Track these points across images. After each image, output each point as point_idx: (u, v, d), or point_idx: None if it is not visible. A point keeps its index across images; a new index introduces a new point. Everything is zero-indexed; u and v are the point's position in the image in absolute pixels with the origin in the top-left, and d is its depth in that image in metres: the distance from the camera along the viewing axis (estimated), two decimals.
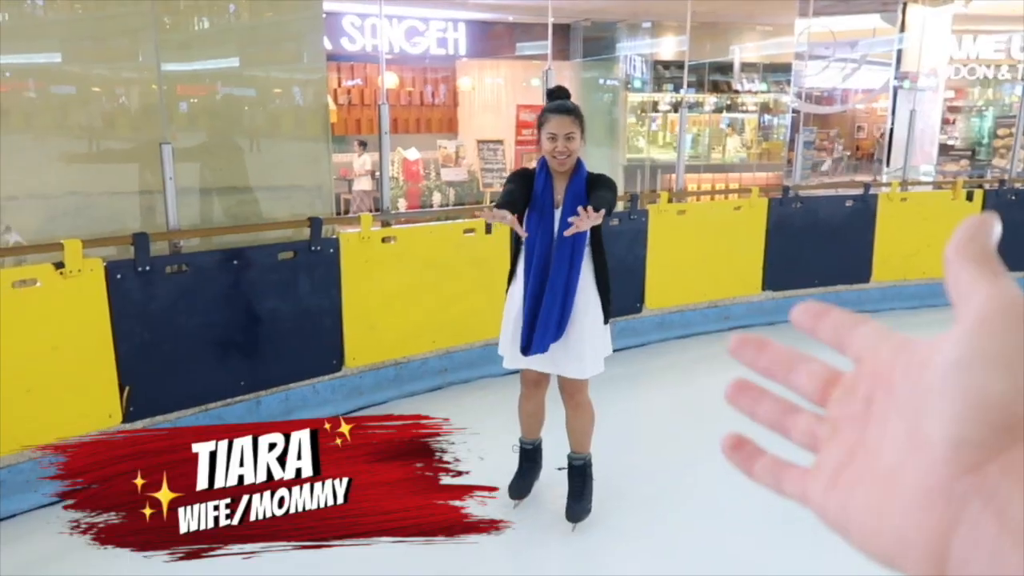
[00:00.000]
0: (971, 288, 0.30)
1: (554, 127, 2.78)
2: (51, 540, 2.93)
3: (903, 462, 0.30)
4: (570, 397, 3.00)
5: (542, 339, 2.79)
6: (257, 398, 3.78)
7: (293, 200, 4.10)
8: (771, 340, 0.38)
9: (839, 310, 0.37)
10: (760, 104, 10.81)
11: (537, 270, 2.83)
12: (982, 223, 0.32)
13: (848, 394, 0.34)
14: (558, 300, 2.80)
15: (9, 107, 3.46)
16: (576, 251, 2.85)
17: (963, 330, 0.29)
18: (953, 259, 0.32)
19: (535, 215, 2.87)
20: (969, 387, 0.28)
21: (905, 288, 6.23)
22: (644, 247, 5.11)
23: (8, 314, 3.01)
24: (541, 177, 2.89)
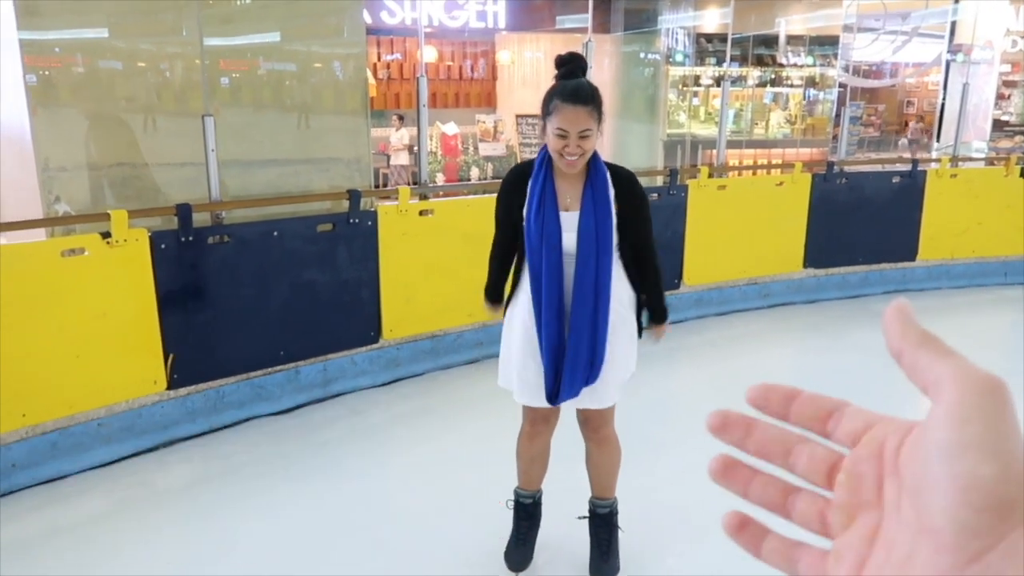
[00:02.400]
0: (936, 372, 0.31)
1: (566, 121, 2.12)
2: (101, 500, 3.05)
3: (915, 551, 0.30)
4: (594, 431, 2.47)
5: (571, 384, 2.28)
6: (296, 368, 3.84)
7: (332, 173, 4.13)
8: (758, 419, 0.37)
9: (807, 392, 0.37)
10: (805, 78, 10.54)
11: (551, 300, 2.23)
12: (902, 309, 0.34)
13: (856, 480, 0.34)
14: (585, 339, 2.24)
15: (58, 81, 3.54)
16: (601, 270, 2.24)
17: (943, 416, 0.30)
18: (904, 349, 0.33)
19: (534, 227, 2.24)
20: (959, 474, 0.29)
21: (953, 267, 6.07)
22: (683, 223, 5.05)
23: (58, 282, 3.10)
24: (539, 177, 2.25)
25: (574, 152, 2.16)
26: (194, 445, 3.47)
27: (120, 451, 3.33)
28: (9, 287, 2.98)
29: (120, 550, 2.73)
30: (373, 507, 3.02)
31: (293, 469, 3.29)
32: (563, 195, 2.28)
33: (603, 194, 2.26)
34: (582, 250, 2.23)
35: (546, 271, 2.24)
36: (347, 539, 2.80)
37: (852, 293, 5.84)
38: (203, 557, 2.71)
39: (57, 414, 3.17)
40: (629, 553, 2.63)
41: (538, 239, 2.24)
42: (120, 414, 3.35)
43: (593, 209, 2.24)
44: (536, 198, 2.25)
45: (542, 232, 2.24)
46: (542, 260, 2.24)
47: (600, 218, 2.23)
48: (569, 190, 2.28)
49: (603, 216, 2.24)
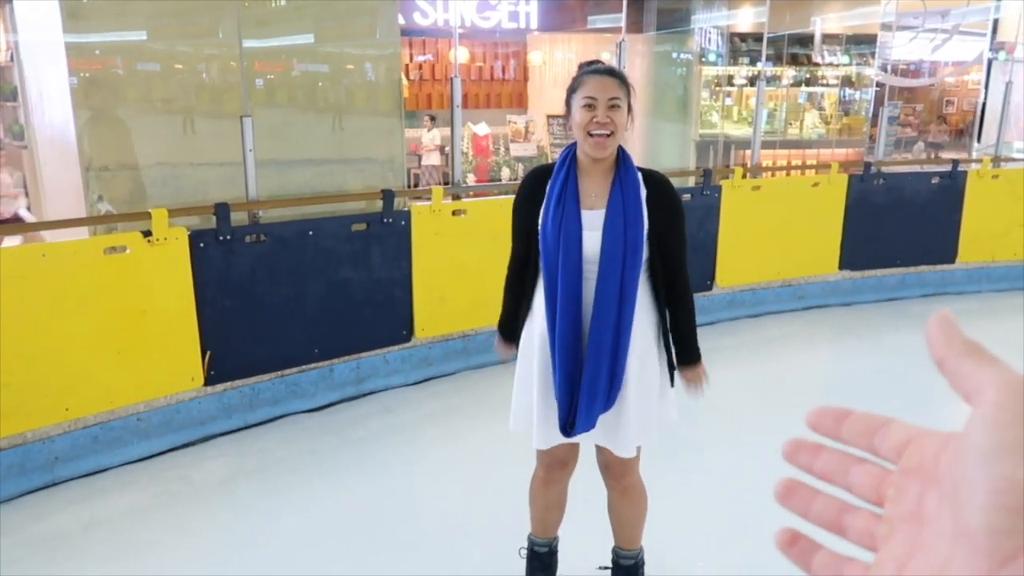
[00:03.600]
0: (978, 379, 0.32)
1: (594, 88, 1.94)
2: (140, 494, 3.11)
3: (952, 556, 0.31)
4: (617, 479, 2.22)
5: (589, 412, 2.00)
6: (330, 366, 3.89)
7: (366, 173, 4.17)
8: (824, 445, 0.39)
9: (858, 412, 0.38)
10: (842, 77, 10.40)
11: (567, 314, 1.96)
12: (946, 319, 0.34)
13: (901, 493, 0.35)
14: (605, 360, 1.98)
15: (100, 83, 3.62)
16: (627, 280, 1.97)
17: (983, 420, 0.30)
18: (948, 358, 0.33)
19: (551, 225, 1.99)
20: (995, 477, 0.29)
21: (994, 269, 5.95)
22: (716, 223, 5.01)
23: (100, 279, 3.18)
24: (561, 173, 2.02)
25: (603, 121, 1.92)
26: (230, 441, 3.53)
27: (158, 446, 3.39)
28: (53, 284, 3.06)
29: (158, 543, 2.79)
30: (404, 503, 3.05)
31: (326, 465, 3.33)
32: (587, 192, 2.02)
33: (634, 193, 1.99)
34: (607, 252, 1.94)
35: (563, 278, 1.95)
36: (379, 535, 2.82)
37: (889, 296, 5.74)
38: (239, 551, 2.75)
39: (98, 408, 3.24)
40: (659, 554, 2.62)
41: (555, 239, 1.96)
42: (158, 409, 3.41)
43: (622, 207, 1.96)
44: (556, 194, 2.00)
45: (559, 231, 1.96)
46: (558, 265, 1.96)
47: (630, 218, 1.97)
48: (594, 187, 2.02)
49: (633, 217, 1.97)
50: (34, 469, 3.09)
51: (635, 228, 1.98)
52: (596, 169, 2.03)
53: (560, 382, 2.01)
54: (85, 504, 3.03)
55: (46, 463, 3.12)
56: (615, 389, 2.02)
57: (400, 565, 2.66)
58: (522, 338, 2.18)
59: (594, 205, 2.01)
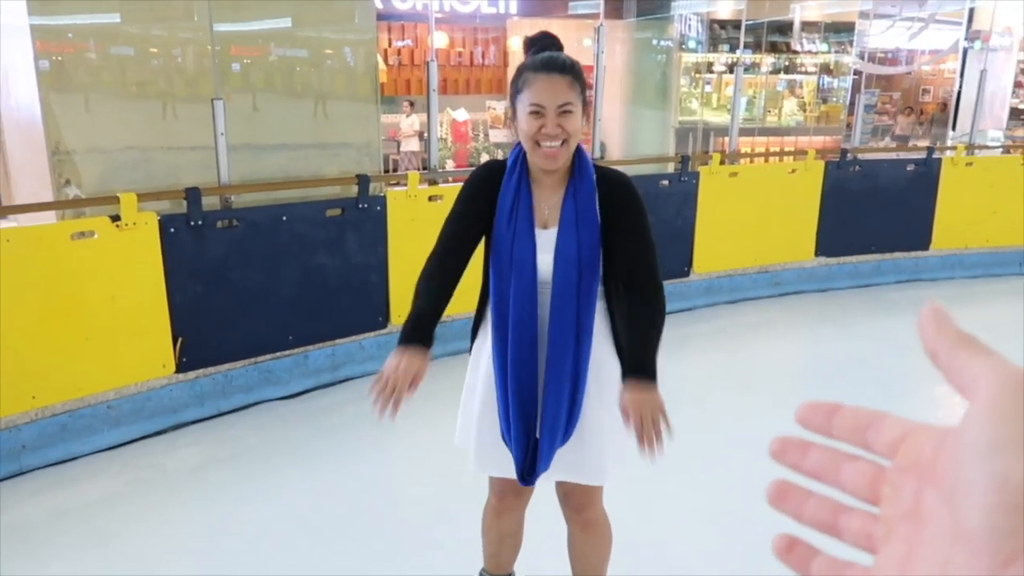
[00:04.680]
0: (973, 372, 0.31)
1: (540, 93, 1.69)
2: (110, 482, 3.07)
3: (952, 556, 0.30)
4: (578, 511, 2.00)
5: (550, 453, 1.80)
6: (305, 352, 3.85)
7: (342, 158, 4.12)
8: (812, 442, 0.37)
9: (849, 406, 0.36)
10: (820, 65, 10.44)
11: (521, 341, 1.75)
12: (938, 311, 0.34)
13: (897, 491, 0.34)
14: (565, 391, 1.77)
15: (71, 67, 3.54)
16: (584, 305, 1.76)
17: (979, 416, 0.30)
18: (941, 350, 0.33)
19: (502, 245, 1.79)
20: (993, 475, 0.28)
21: (967, 256, 6.01)
22: (693, 210, 5.02)
23: (68, 265, 3.12)
24: (512, 179, 1.80)
25: (553, 133, 1.68)
26: (202, 428, 3.49)
27: (129, 434, 3.35)
28: (19, 270, 3.00)
29: (128, 532, 2.75)
30: (378, 490, 3.03)
31: (300, 453, 3.30)
32: (540, 206, 1.81)
33: (588, 206, 1.77)
34: (560, 276, 1.75)
35: (515, 302, 1.76)
36: (352, 522, 2.81)
37: (864, 282, 5.79)
38: (210, 539, 2.72)
39: (67, 396, 3.19)
40: (632, 542, 2.62)
41: (508, 263, 1.78)
42: (129, 397, 3.36)
43: (575, 224, 1.75)
44: (507, 209, 1.78)
45: (512, 254, 1.77)
46: (511, 288, 1.78)
47: (584, 236, 1.76)
48: (547, 198, 1.81)
49: (588, 234, 1.76)
50: (0, 458, 3.04)
51: (590, 245, 1.77)
52: (549, 177, 1.80)
53: (516, 420, 1.76)
54: (53, 493, 2.98)
55: (12, 452, 3.06)
56: (574, 421, 1.80)
57: (374, 551, 2.64)
58: (473, 347, 1.97)
59: (547, 222, 1.81)
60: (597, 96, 4.81)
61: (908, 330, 2.20)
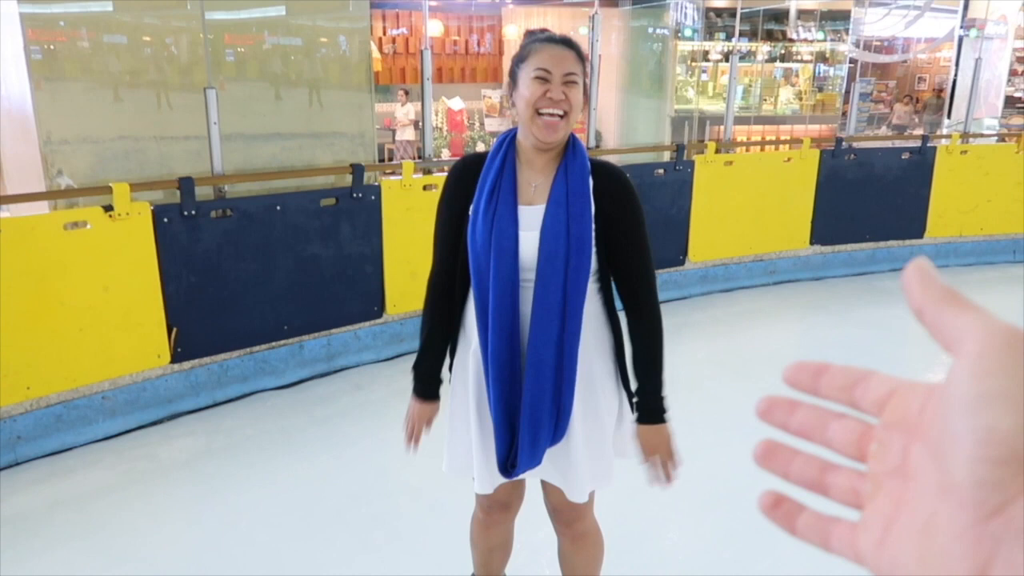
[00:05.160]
0: (959, 328, 0.31)
1: (548, 59, 1.62)
2: (106, 473, 3.07)
3: (937, 509, 0.30)
4: (568, 525, 1.91)
5: (533, 445, 1.68)
6: (300, 342, 3.85)
7: (336, 147, 4.11)
8: (800, 400, 0.37)
9: (836, 365, 0.36)
10: (816, 54, 10.42)
11: (501, 331, 1.63)
12: (922, 267, 0.33)
13: (884, 447, 0.34)
14: (547, 384, 1.65)
15: (63, 55, 3.51)
16: (572, 288, 1.63)
17: (965, 370, 0.29)
18: (926, 306, 0.32)
19: (481, 225, 1.65)
20: (978, 427, 0.28)
21: (962, 244, 6.03)
22: (689, 199, 5.02)
23: (61, 255, 3.10)
24: (495, 163, 1.69)
25: (557, 98, 1.59)
26: (198, 419, 3.49)
27: (124, 424, 3.35)
28: (12, 260, 2.98)
29: (125, 522, 2.75)
30: (374, 479, 3.04)
31: (296, 442, 3.31)
32: (525, 185, 1.68)
33: (580, 181, 1.65)
34: (546, 252, 1.60)
35: (495, 287, 1.61)
36: (349, 511, 2.81)
37: (859, 270, 5.80)
38: (206, 529, 2.73)
39: (61, 387, 3.18)
40: (631, 529, 2.64)
41: (485, 240, 1.62)
42: (124, 387, 3.36)
43: (565, 198, 1.63)
44: (488, 187, 1.66)
45: (491, 230, 1.61)
46: (490, 271, 1.62)
47: (575, 211, 1.62)
48: (535, 179, 1.69)
49: (579, 209, 1.63)
50: None
51: (580, 222, 1.63)
52: (540, 159, 1.68)
53: (497, 412, 1.67)
54: (48, 483, 2.98)
55: (8, 443, 3.06)
56: (563, 417, 1.69)
57: (370, 540, 2.65)
58: (454, 366, 1.83)
59: (534, 199, 1.67)
60: (592, 84, 4.80)
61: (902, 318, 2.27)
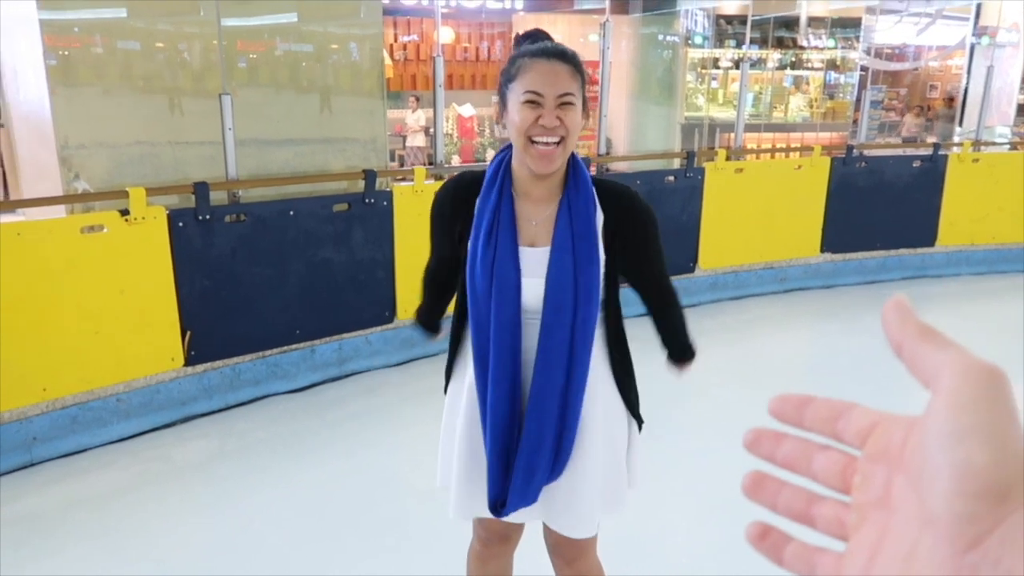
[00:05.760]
0: (936, 363, 0.32)
1: (539, 80, 1.47)
2: (120, 474, 3.10)
3: (918, 541, 0.31)
4: (568, 563, 1.77)
5: (525, 487, 1.59)
6: (312, 347, 3.87)
7: (348, 153, 4.14)
8: (787, 433, 0.38)
9: (820, 398, 0.37)
10: (827, 61, 10.42)
11: (501, 377, 1.54)
12: (901, 303, 0.34)
13: (867, 479, 0.35)
14: (548, 433, 1.56)
15: (78, 61, 3.56)
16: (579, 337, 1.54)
17: (942, 405, 0.30)
18: (904, 342, 0.33)
19: (480, 269, 1.55)
20: (955, 462, 0.29)
21: (973, 253, 6.00)
22: (699, 206, 5.03)
23: (77, 259, 3.14)
24: (492, 192, 1.56)
25: (551, 125, 1.46)
26: (211, 421, 3.52)
27: (139, 426, 3.38)
28: (30, 263, 3.02)
29: (138, 523, 2.78)
30: (385, 483, 3.06)
31: (307, 445, 3.33)
32: (525, 221, 1.56)
33: (585, 221, 1.53)
34: (552, 303, 1.51)
35: (496, 335, 1.53)
36: (359, 513, 2.83)
37: (869, 279, 5.79)
38: (218, 531, 2.75)
39: (77, 389, 3.22)
40: (637, 535, 2.64)
41: (486, 288, 1.53)
42: (139, 390, 3.39)
43: (571, 242, 1.52)
44: (486, 225, 1.54)
45: (491, 277, 1.52)
46: (490, 319, 1.54)
47: (581, 258, 1.52)
48: (535, 214, 1.57)
49: (586, 255, 1.53)
50: (11, 449, 3.07)
51: (588, 270, 1.53)
52: (539, 187, 1.55)
53: (492, 455, 1.58)
54: (64, 484, 3.01)
55: (23, 443, 3.10)
56: (562, 458, 1.60)
57: (381, 544, 2.67)
58: (450, 385, 1.78)
59: (535, 240, 1.56)
60: (603, 92, 4.82)
61: None
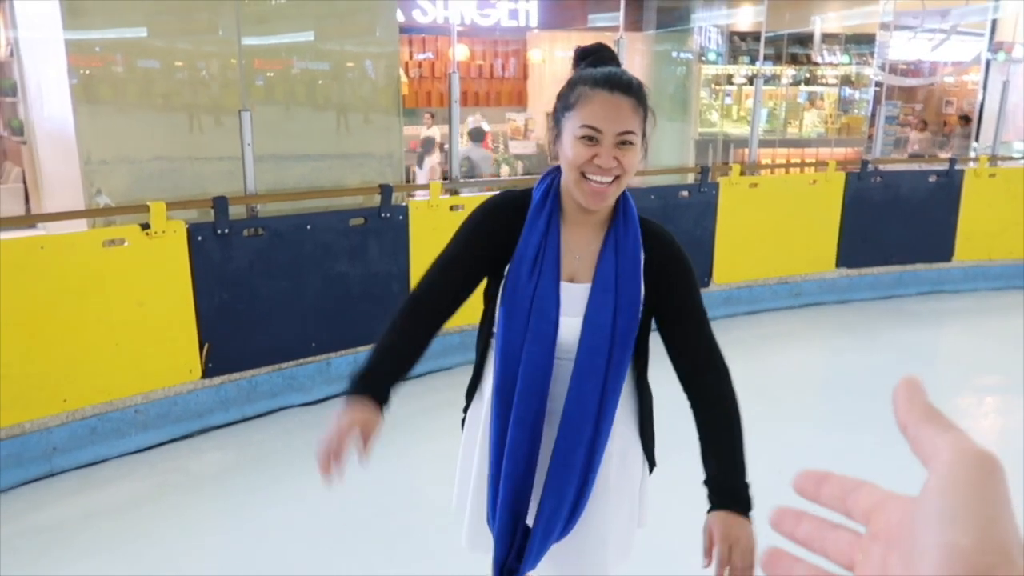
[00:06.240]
0: (936, 444, 0.34)
1: (599, 115, 1.37)
2: (139, 484, 3.13)
3: None
4: None
5: (543, 544, 1.50)
6: (328, 360, 3.90)
7: (364, 168, 4.19)
8: (805, 512, 0.41)
9: (838, 475, 0.39)
10: (841, 77, 10.42)
11: (524, 420, 1.44)
12: (912, 385, 0.36)
13: (867, 556, 0.36)
14: (571, 485, 1.46)
15: (99, 80, 3.63)
16: (611, 381, 1.45)
17: (934, 485, 0.32)
18: (909, 423, 0.35)
19: (520, 300, 1.45)
20: (942, 543, 0.30)
21: (990, 268, 5.97)
22: (713, 220, 5.03)
23: (99, 272, 3.19)
24: (540, 219, 1.46)
25: (607, 166, 1.36)
26: (227, 433, 3.55)
27: (156, 437, 3.41)
28: (53, 276, 3.08)
29: (156, 533, 2.80)
30: (401, 494, 3.07)
31: None
32: (570, 254, 1.47)
33: (631, 261, 1.44)
34: (587, 347, 1.43)
35: (525, 373, 1.43)
36: (376, 524, 2.84)
37: (885, 294, 5.76)
38: (236, 540, 2.77)
39: (96, 400, 3.26)
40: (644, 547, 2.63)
41: (522, 322, 1.44)
42: (156, 401, 3.43)
43: (614, 283, 1.43)
44: (531, 253, 1.45)
45: (529, 311, 1.43)
46: (521, 355, 1.44)
47: (623, 301, 1.44)
48: (580, 246, 1.48)
49: (628, 298, 1.44)
50: (32, 460, 3.11)
51: (627, 314, 1.45)
52: (586, 219, 1.48)
53: (504, 511, 1.47)
54: (83, 494, 3.05)
55: (44, 454, 3.14)
56: (577, 514, 1.50)
57: (397, 555, 2.67)
58: (468, 416, 1.71)
59: (576, 275, 1.47)
60: None
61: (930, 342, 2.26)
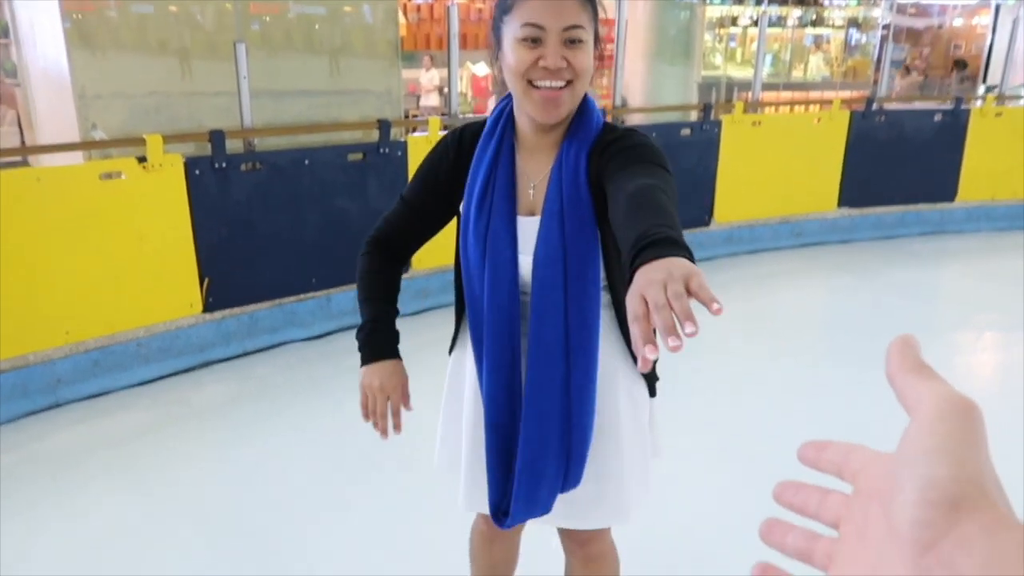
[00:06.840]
0: (919, 393, 0.35)
1: (539, 10, 1.20)
2: (143, 415, 3.17)
3: (883, 553, 0.33)
4: (580, 546, 1.61)
5: (531, 496, 1.39)
6: (328, 295, 3.91)
7: (363, 105, 4.14)
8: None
9: (837, 442, 0.41)
10: (848, 19, 10.22)
11: (497, 364, 1.36)
12: (907, 342, 0.38)
13: (852, 512, 0.37)
14: (550, 427, 1.36)
15: (93, 25, 3.56)
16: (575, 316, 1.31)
17: (915, 429, 0.34)
18: (898, 374, 0.36)
19: (473, 241, 1.35)
20: (918, 476, 0.32)
21: (994, 208, 5.93)
22: (715, 159, 4.99)
23: (96, 205, 3.18)
24: (491, 146, 1.34)
25: (555, 67, 1.21)
26: (229, 367, 3.57)
27: (159, 370, 3.44)
28: (50, 208, 3.06)
29: (159, 460, 2.84)
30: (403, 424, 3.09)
31: (324, 390, 3.38)
32: (524, 185, 1.34)
33: (571, 175, 1.28)
34: (539, 284, 1.29)
35: (491, 318, 1.34)
36: (376, 454, 2.88)
37: (887, 234, 5.74)
38: (238, 468, 2.81)
39: (98, 332, 3.28)
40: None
41: (479, 263, 1.34)
42: (158, 335, 3.45)
43: (559, 208, 1.28)
44: (479, 186, 1.33)
45: (483, 251, 1.32)
46: (483, 298, 1.35)
47: (571, 226, 1.28)
48: (536, 176, 1.34)
49: (576, 221, 1.28)
50: (36, 391, 3.14)
51: (578, 240, 1.28)
52: (545, 141, 1.33)
53: (491, 458, 1.41)
54: (87, 424, 3.08)
55: (48, 385, 3.17)
56: (576, 463, 1.39)
57: (396, 481, 2.71)
58: (450, 366, 1.60)
59: (535, 207, 1.34)
60: (618, 51, 4.77)
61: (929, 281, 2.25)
